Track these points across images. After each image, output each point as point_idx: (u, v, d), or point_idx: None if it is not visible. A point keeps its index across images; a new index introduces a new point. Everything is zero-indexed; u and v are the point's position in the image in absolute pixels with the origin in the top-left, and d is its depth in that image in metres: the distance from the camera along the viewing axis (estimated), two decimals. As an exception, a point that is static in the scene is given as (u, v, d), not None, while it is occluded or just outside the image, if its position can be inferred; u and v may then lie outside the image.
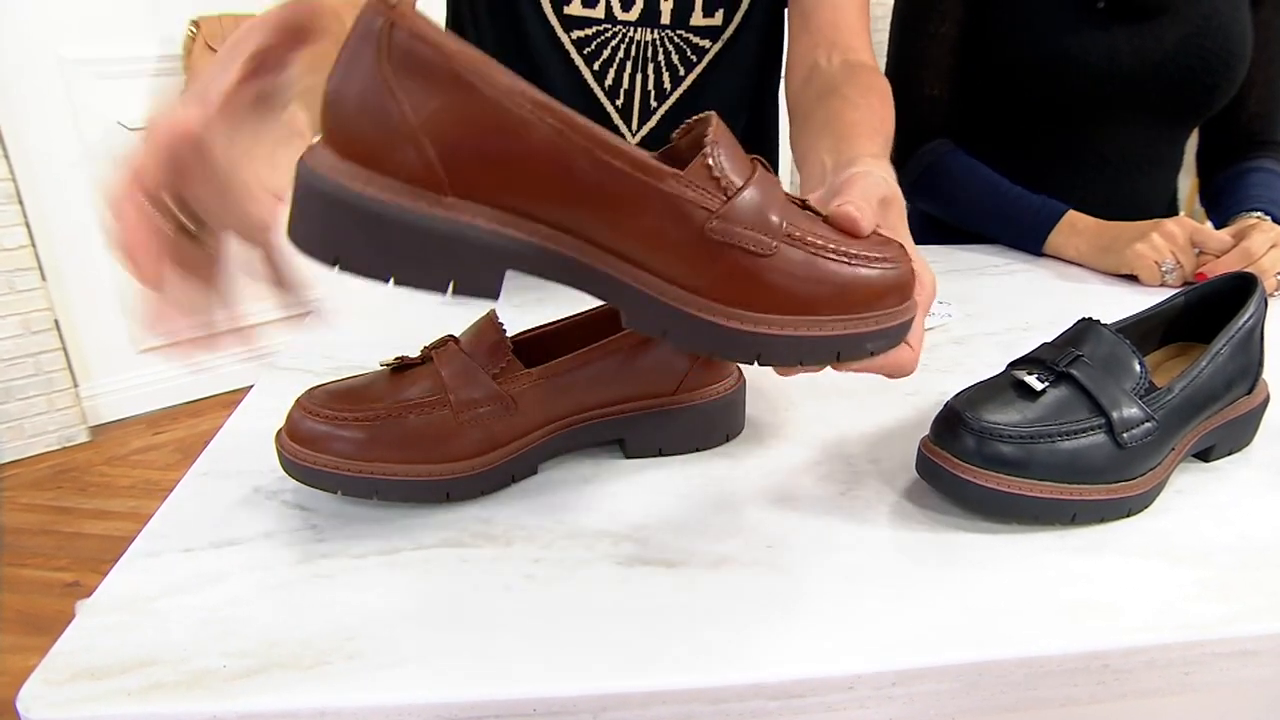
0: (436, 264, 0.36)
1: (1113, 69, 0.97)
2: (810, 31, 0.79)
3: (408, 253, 0.35)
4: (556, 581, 0.43)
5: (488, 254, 0.36)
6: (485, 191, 0.35)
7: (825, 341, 0.41)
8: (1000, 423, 0.48)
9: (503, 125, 0.34)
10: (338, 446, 0.46)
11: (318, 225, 0.35)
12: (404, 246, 0.35)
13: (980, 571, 0.45)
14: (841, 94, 0.68)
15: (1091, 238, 0.95)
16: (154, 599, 0.41)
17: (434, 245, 0.35)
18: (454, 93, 0.33)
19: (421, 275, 0.36)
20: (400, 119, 0.33)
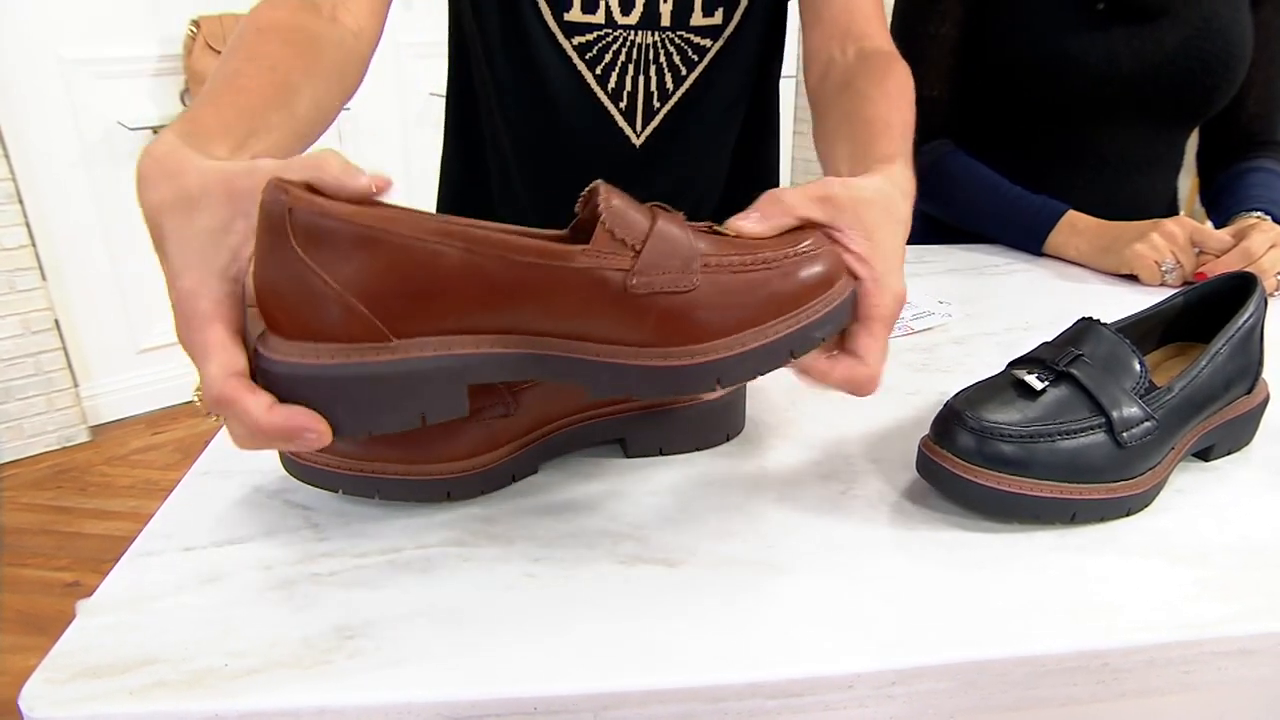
0: (404, 404, 0.38)
1: (1112, 71, 0.97)
2: (824, 24, 0.78)
3: (374, 402, 0.37)
4: (558, 580, 0.43)
5: (444, 377, 0.38)
6: (423, 324, 0.38)
7: (775, 346, 0.43)
8: (1000, 422, 0.49)
9: (416, 263, 0.36)
10: (339, 446, 0.46)
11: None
12: (369, 398, 0.37)
13: (980, 571, 0.45)
14: (856, 88, 0.68)
15: (1092, 238, 0.95)
16: (155, 598, 0.41)
17: (394, 388, 0.37)
18: (363, 250, 0.36)
19: (394, 418, 0.38)
20: (325, 288, 0.35)
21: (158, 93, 2.35)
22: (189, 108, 0.47)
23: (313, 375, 0.36)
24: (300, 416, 0.36)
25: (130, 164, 2.32)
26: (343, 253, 0.35)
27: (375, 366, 0.36)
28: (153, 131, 2.33)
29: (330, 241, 0.35)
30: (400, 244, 0.36)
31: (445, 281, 0.37)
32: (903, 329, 0.76)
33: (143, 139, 2.34)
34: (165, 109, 2.36)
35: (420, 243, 0.36)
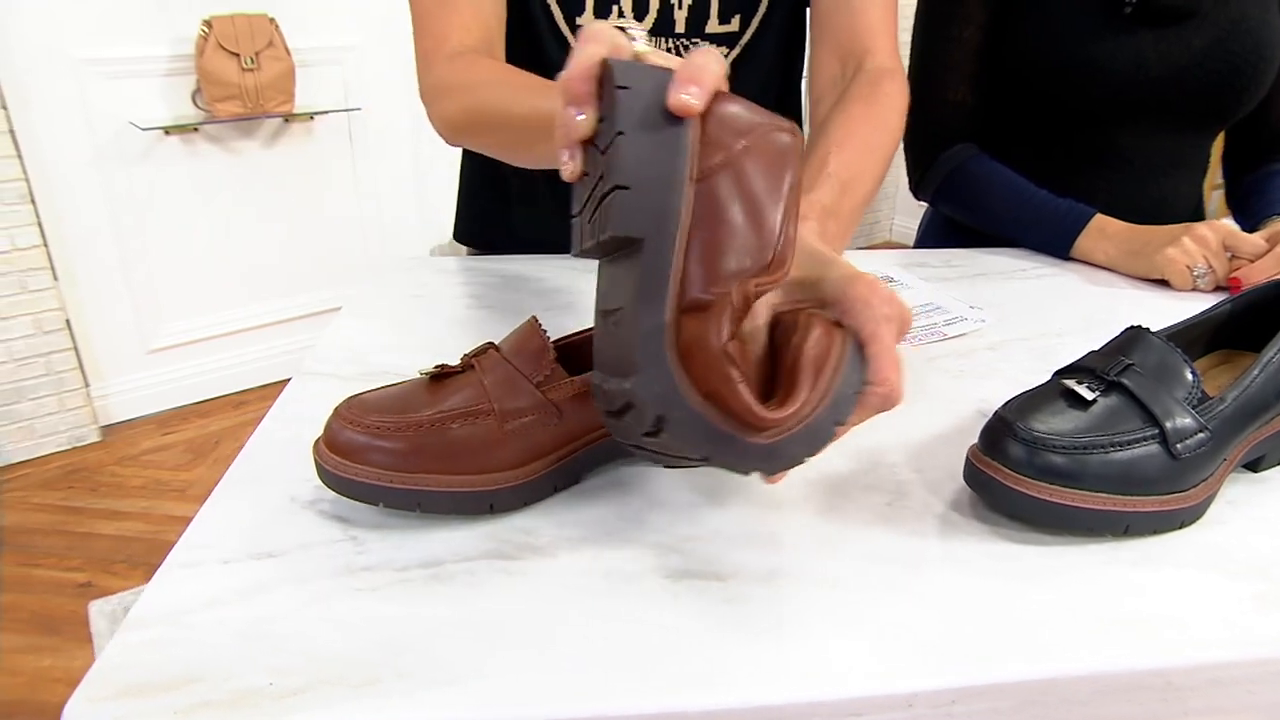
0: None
1: (1139, 74, 0.96)
2: (828, 39, 0.78)
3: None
4: (605, 595, 0.42)
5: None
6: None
7: (819, 422, 0.41)
8: (1051, 433, 0.48)
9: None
10: (378, 458, 0.45)
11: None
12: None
13: (1033, 585, 0.44)
14: (822, 130, 0.68)
15: (1121, 242, 0.94)
16: (194, 612, 0.40)
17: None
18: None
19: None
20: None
21: (169, 93, 2.34)
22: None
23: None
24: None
25: (142, 164, 2.33)
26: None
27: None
28: (165, 132, 2.33)
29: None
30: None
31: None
32: (936, 334, 0.75)
33: (154, 139, 2.34)
34: (177, 109, 2.35)
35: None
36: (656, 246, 0.38)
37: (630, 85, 0.38)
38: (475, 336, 0.72)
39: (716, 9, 0.81)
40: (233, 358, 2.66)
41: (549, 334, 0.48)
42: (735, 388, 0.38)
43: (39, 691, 1.57)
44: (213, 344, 2.61)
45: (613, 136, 0.38)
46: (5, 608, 1.78)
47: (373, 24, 2.57)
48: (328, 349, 0.69)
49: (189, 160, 2.42)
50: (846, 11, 0.77)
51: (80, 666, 1.62)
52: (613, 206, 0.38)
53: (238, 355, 2.67)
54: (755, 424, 0.38)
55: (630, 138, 0.38)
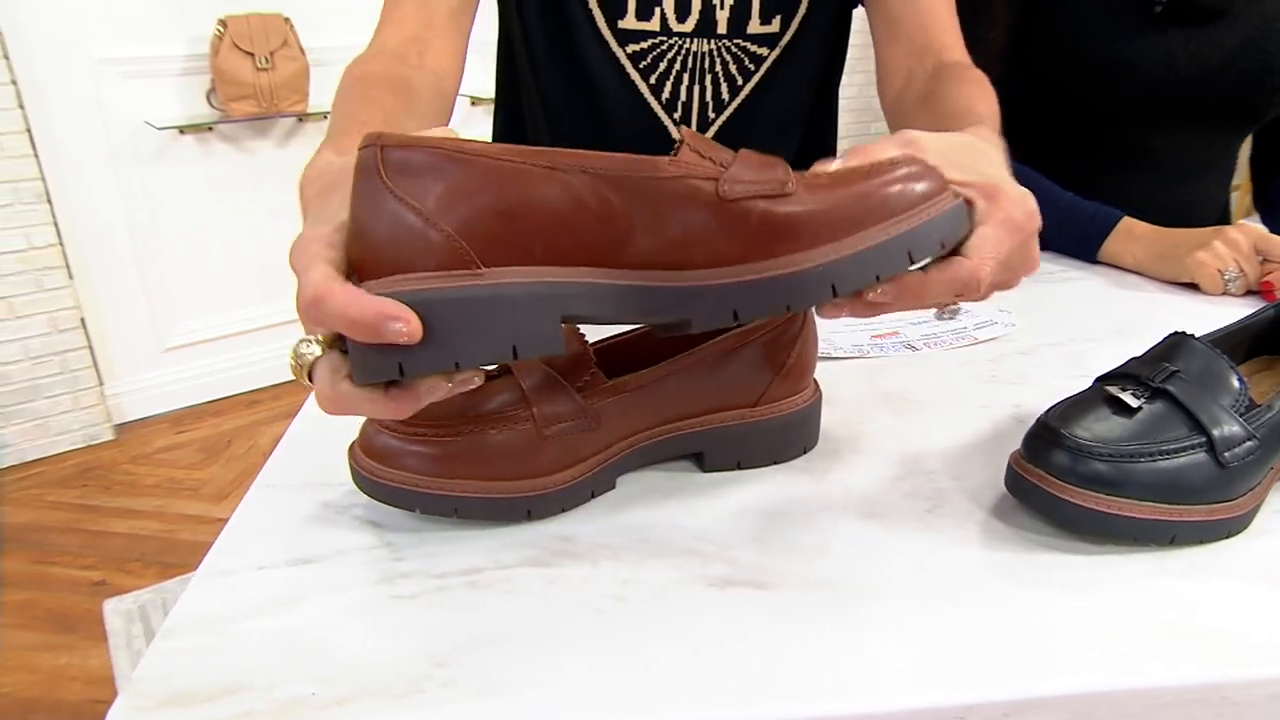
0: (494, 332, 0.36)
1: (1169, 74, 0.95)
2: (900, 39, 0.77)
3: (464, 329, 0.36)
4: (648, 604, 0.41)
5: (536, 306, 0.37)
6: (511, 251, 0.36)
7: (892, 246, 0.40)
8: (1096, 440, 0.47)
9: (502, 183, 0.36)
10: (415, 463, 0.44)
11: (370, 348, 0.35)
12: (456, 324, 0.35)
13: (1081, 594, 0.43)
14: (936, 95, 0.67)
15: (1149, 245, 0.93)
16: (233, 620, 0.40)
17: (482, 312, 0.36)
18: (450, 174, 0.35)
19: (485, 347, 0.36)
20: (414, 215, 0.35)
21: (184, 92, 2.35)
22: (328, 138, 0.51)
23: (401, 301, 0.35)
24: (389, 305, 0.34)
25: (157, 163, 2.33)
26: (430, 180, 0.35)
27: (464, 290, 0.35)
28: (179, 131, 2.33)
29: (418, 169, 0.35)
30: (485, 165, 0.36)
31: (532, 202, 0.36)
32: (966, 338, 0.74)
33: (169, 138, 2.34)
34: (191, 108, 2.36)
35: (505, 162, 0.36)
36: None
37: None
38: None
39: (758, 9, 0.81)
40: (246, 357, 2.66)
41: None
42: (758, 208, 0.38)
43: (56, 689, 1.57)
44: (226, 343, 2.62)
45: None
46: (21, 605, 1.78)
47: (387, 24, 2.57)
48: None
49: (203, 159, 2.43)
50: (915, 10, 0.77)
51: (96, 665, 1.63)
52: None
53: (251, 354, 2.67)
54: (797, 225, 0.39)
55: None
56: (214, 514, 2.08)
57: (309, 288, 0.35)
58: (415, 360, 0.35)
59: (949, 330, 0.75)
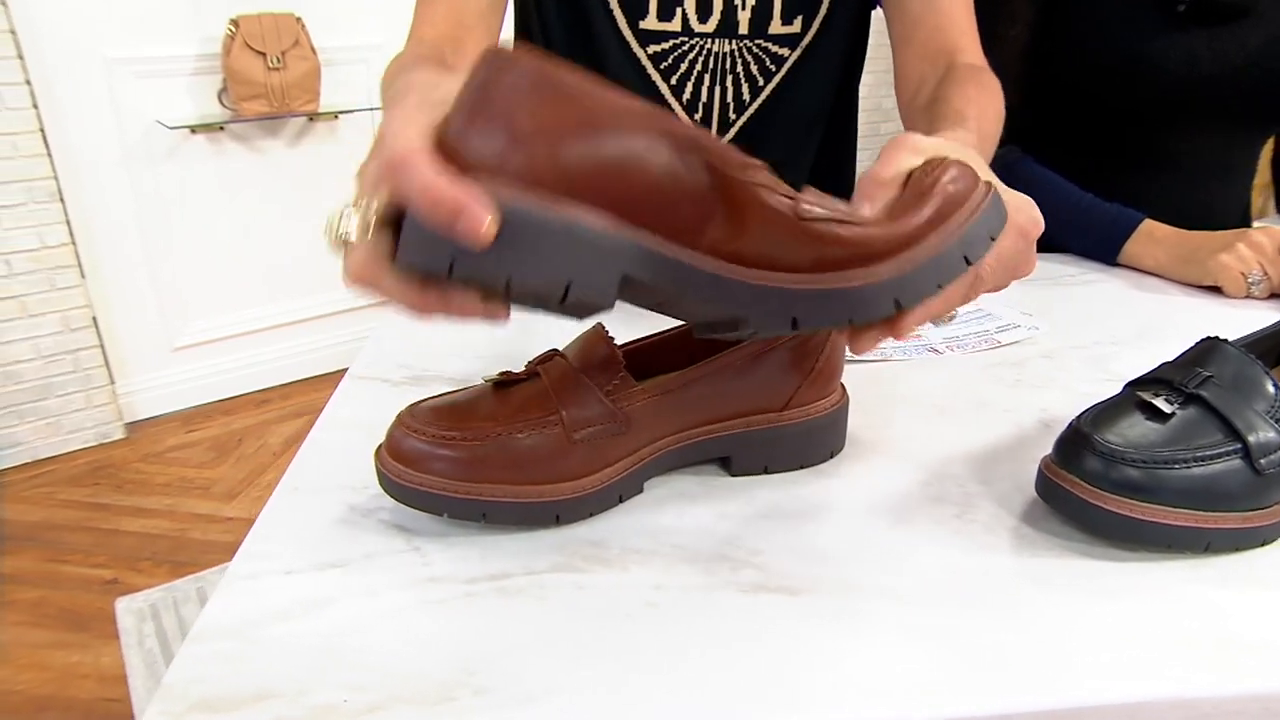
0: (555, 261, 0.35)
1: (1192, 74, 0.94)
2: (915, 43, 0.77)
3: (528, 246, 0.34)
4: (680, 610, 0.41)
5: (605, 252, 0.36)
6: (601, 196, 0.35)
7: (949, 253, 0.41)
8: (1129, 446, 0.46)
9: (613, 129, 0.35)
10: (442, 467, 0.44)
11: (430, 233, 0.34)
12: (525, 241, 0.34)
13: (1116, 602, 0.43)
14: (939, 97, 0.67)
15: (1171, 247, 0.92)
16: (262, 625, 0.40)
17: (553, 240, 0.34)
18: (565, 105, 0.35)
19: (539, 271, 0.35)
20: (514, 131, 0.34)
21: (196, 91, 2.35)
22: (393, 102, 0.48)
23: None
24: (476, 195, 0.32)
25: (169, 163, 2.34)
26: (540, 100, 0.34)
27: (544, 213, 0.34)
28: (191, 131, 2.33)
29: (531, 87, 0.34)
30: (600, 102, 0.35)
31: (638, 157, 0.36)
32: (989, 342, 0.73)
33: (181, 137, 2.34)
34: (203, 108, 2.36)
35: (621, 109, 0.36)
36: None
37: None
38: (523, 340, 0.71)
39: (779, 10, 0.80)
40: (256, 356, 2.66)
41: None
42: (831, 231, 0.38)
43: (68, 687, 1.57)
44: (236, 342, 2.62)
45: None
46: (34, 603, 1.78)
47: (398, 24, 2.55)
48: (374, 353, 0.69)
49: (214, 159, 2.43)
50: (932, 13, 0.77)
51: (108, 663, 1.63)
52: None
53: (261, 354, 2.67)
54: (865, 242, 0.39)
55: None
56: (224, 513, 2.08)
57: (398, 144, 0.34)
58: (470, 263, 0.34)
59: (972, 333, 0.75)
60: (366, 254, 0.35)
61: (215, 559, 1.91)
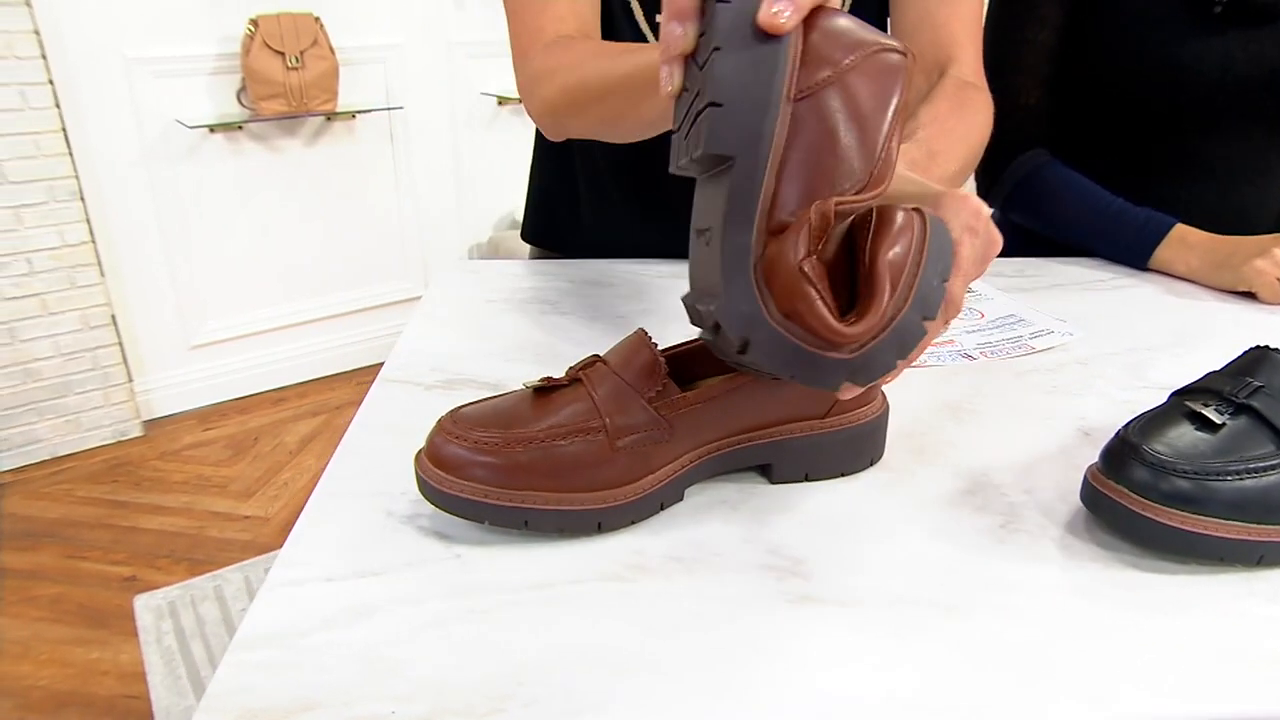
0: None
1: (1226, 77, 0.93)
2: (920, 39, 0.76)
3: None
4: (727, 621, 0.40)
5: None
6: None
7: (906, 322, 0.39)
8: (1178, 456, 0.46)
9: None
10: (483, 474, 0.44)
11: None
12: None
13: (1168, 616, 0.42)
14: (918, 113, 0.66)
15: (1204, 253, 0.91)
16: (305, 634, 0.39)
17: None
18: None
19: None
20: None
21: (215, 91, 2.36)
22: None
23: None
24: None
25: (187, 162, 2.35)
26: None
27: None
28: (210, 130, 2.34)
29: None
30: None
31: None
32: (1023, 348, 0.73)
33: (199, 136, 2.35)
34: (222, 107, 2.37)
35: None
36: (747, 166, 0.38)
37: (729, 0, 0.38)
38: (555, 343, 0.71)
39: None
40: (272, 354, 2.67)
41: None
42: (814, 306, 0.37)
43: (89, 683, 1.58)
44: (253, 340, 2.63)
45: (710, 52, 0.38)
46: (54, 599, 1.79)
47: (415, 24, 2.58)
48: (406, 355, 0.68)
49: (233, 158, 2.44)
50: (930, 26, 0.76)
51: (128, 660, 1.63)
52: (705, 124, 0.38)
53: (277, 352, 2.68)
54: (836, 340, 0.38)
55: (726, 53, 0.38)
56: (241, 511, 2.09)
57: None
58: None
59: (1005, 339, 0.74)
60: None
61: (232, 557, 1.92)
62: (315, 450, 2.35)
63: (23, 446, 2.24)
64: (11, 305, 2.13)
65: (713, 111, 0.38)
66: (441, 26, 2.61)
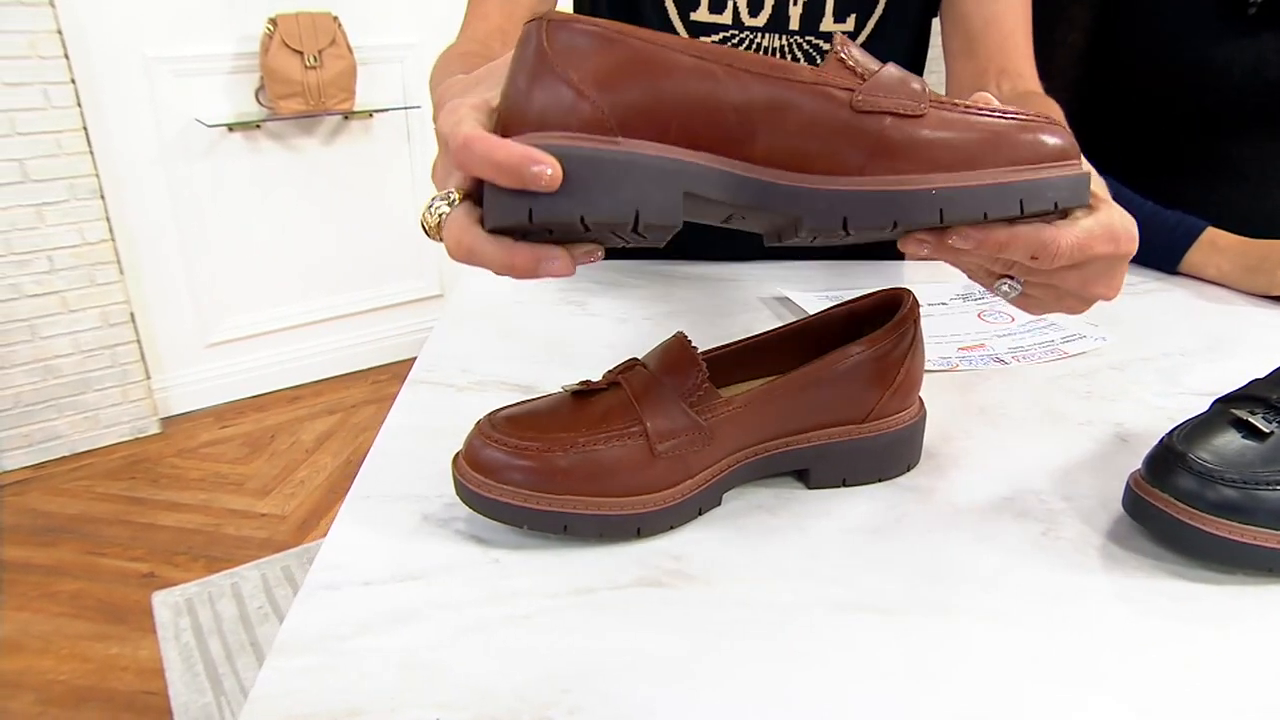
0: (621, 191, 0.38)
1: (1258, 78, 0.92)
2: (977, 56, 0.76)
3: (592, 184, 0.37)
4: (772, 629, 0.40)
5: (663, 176, 0.38)
6: (650, 129, 0.38)
7: (1007, 189, 0.41)
8: (1225, 465, 0.45)
9: (651, 67, 0.38)
10: (521, 478, 0.43)
11: (506, 192, 0.37)
12: (588, 178, 0.37)
13: (1217, 627, 0.41)
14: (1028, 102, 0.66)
15: (1236, 256, 0.90)
16: (345, 639, 0.39)
17: (613, 172, 0.38)
18: (606, 52, 0.37)
19: (608, 203, 0.38)
20: (567, 85, 0.37)
21: (233, 90, 2.37)
22: (442, 91, 0.51)
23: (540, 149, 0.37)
24: (533, 150, 0.36)
25: (206, 160, 2.36)
26: (586, 55, 0.37)
27: (601, 151, 0.37)
28: (228, 129, 2.35)
29: (579, 44, 0.37)
30: (639, 48, 0.38)
31: (676, 87, 0.38)
32: (1055, 352, 0.72)
33: (218, 136, 2.36)
34: (240, 106, 2.38)
35: (657, 49, 0.38)
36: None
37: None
38: (585, 344, 0.71)
39: (832, 7, 0.80)
40: (289, 352, 2.68)
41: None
42: (884, 133, 0.39)
43: (108, 679, 1.59)
44: (269, 339, 2.64)
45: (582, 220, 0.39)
46: (74, 595, 1.80)
47: (432, 23, 2.58)
48: (435, 356, 0.68)
49: (251, 156, 2.45)
50: (997, 31, 0.76)
51: (146, 656, 1.64)
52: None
53: (294, 350, 2.69)
54: (921, 151, 0.39)
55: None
56: (258, 509, 2.10)
57: (459, 134, 0.37)
58: (545, 207, 0.37)
59: (1037, 344, 0.73)
60: (459, 227, 0.39)
61: (249, 554, 1.92)
62: (331, 449, 2.35)
63: (43, 443, 2.25)
64: (33, 303, 2.14)
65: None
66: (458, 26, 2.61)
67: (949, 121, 0.40)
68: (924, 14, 0.86)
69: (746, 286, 0.85)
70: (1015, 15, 0.77)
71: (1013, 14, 0.77)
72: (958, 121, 0.40)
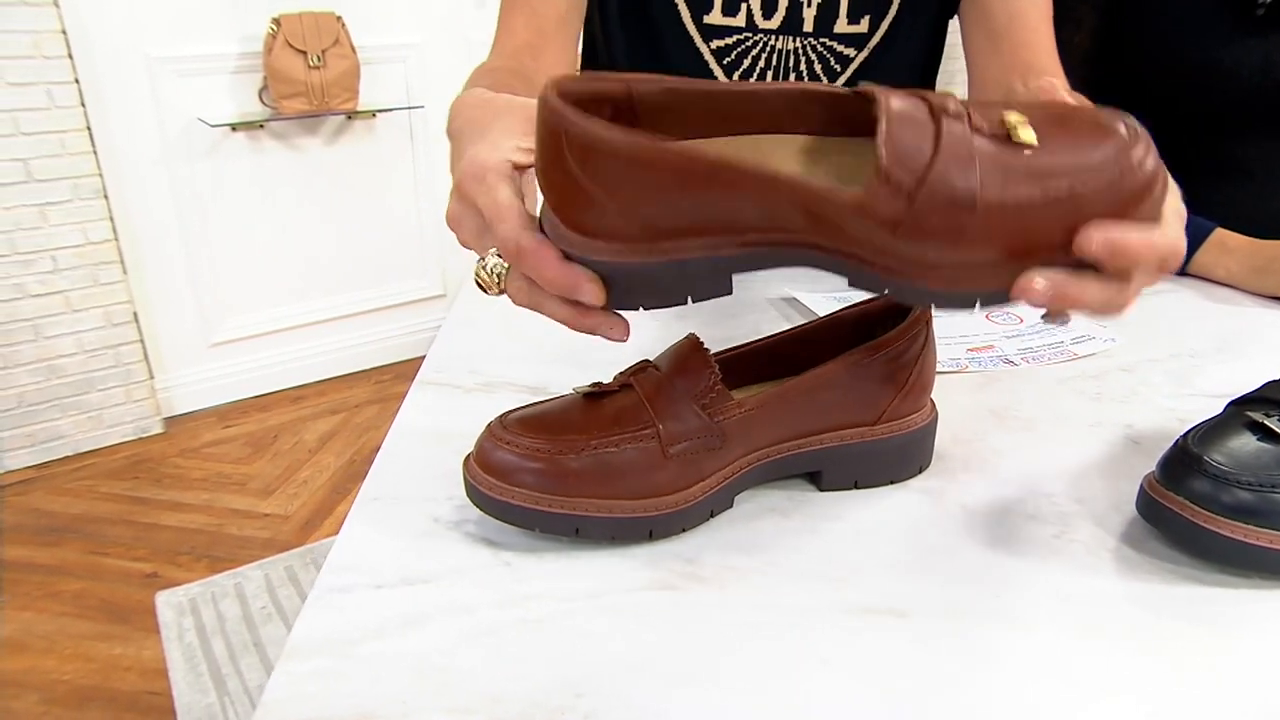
0: (671, 292, 0.40)
1: (1266, 79, 0.92)
2: (1002, 54, 0.76)
3: (642, 290, 0.40)
4: (785, 632, 0.40)
5: (710, 271, 0.39)
6: (690, 236, 0.38)
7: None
8: (1240, 467, 0.45)
9: (687, 184, 0.37)
10: (533, 480, 0.43)
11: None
12: (638, 286, 0.40)
13: (1231, 631, 0.41)
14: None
15: (1245, 257, 0.89)
16: (357, 643, 0.39)
17: (662, 282, 0.40)
18: (635, 172, 0.37)
19: (659, 300, 0.40)
20: (598, 199, 0.37)
21: (237, 90, 2.36)
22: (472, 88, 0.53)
23: (587, 264, 0.39)
24: (581, 276, 0.39)
25: (209, 160, 2.36)
26: (615, 173, 0.37)
27: (644, 265, 0.38)
28: (231, 129, 2.35)
29: (603, 162, 0.36)
30: (674, 166, 0.36)
31: (716, 207, 0.37)
32: (1065, 354, 0.72)
33: (221, 135, 2.36)
34: (244, 106, 2.37)
35: (691, 169, 0.36)
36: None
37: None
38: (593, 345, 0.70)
39: (845, 9, 0.79)
40: (291, 352, 2.68)
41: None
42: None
43: (111, 679, 1.59)
44: (272, 339, 2.64)
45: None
46: (77, 594, 1.80)
47: (436, 23, 2.58)
48: (442, 357, 0.68)
49: (254, 156, 2.44)
50: (1021, 28, 0.76)
51: (150, 656, 1.64)
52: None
53: (296, 350, 2.69)
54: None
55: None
56: (261, 509, 2.09)
57: (511, 238, 0.39)
58: (609, 299, 0.40)
59: (1046, 345, 0.73)
60: (524, 288, 0.42)
61: (252, 555, 1.92)
62: (334, 449, 2.35)
63: (46, 442, 2.25)
64: (37, 302, 2.14)
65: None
66: (462, 26, 2.61)
67: (1002, 213, 0.38)
68: (940, 14, 0.86)
69: (754, 287, 0.84)
70: (1039, 11, 0.77)
71: (1036, 10, 0.77)
72: (1012, 207, 0.38)
